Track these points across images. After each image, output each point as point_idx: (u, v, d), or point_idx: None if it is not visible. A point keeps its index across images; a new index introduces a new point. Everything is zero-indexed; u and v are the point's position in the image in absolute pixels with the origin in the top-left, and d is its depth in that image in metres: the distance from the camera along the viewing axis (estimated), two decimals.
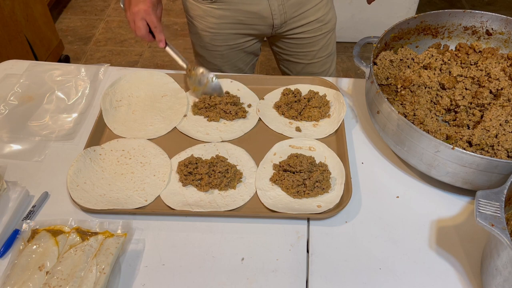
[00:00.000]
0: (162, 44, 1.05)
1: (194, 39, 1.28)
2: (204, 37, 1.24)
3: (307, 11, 1.19)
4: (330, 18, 1.25)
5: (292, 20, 1.19)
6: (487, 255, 0.72)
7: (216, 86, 1.07)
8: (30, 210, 0.85)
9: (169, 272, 0.78)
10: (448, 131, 0.89)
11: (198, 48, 1.30)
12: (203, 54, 1.30)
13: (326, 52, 1.31)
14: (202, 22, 1.20)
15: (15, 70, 1.16)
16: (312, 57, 1.30)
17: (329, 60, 1.34)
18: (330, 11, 1.25)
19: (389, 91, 1.00)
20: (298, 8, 1.17)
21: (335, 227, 0.84)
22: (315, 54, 1.29)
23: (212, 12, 1.16)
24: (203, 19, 1.19)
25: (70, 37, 2.86)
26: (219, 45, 1.25)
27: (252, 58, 1.35)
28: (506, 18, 1.02)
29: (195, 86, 1.08)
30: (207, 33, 1.22)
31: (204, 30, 1.22)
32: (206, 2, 1.15)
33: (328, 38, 1.29)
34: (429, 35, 1.08)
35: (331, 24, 1.27)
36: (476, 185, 0.81)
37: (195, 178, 0.90)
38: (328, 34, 1.28)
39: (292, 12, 1.17)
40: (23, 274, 0.73)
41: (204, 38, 1.24)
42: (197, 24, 1.22)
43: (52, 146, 0.99)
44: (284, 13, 1.16)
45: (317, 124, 1.02)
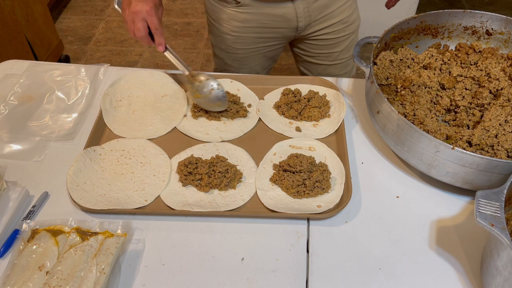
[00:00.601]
0: (161, 48, 0.99)
1: (215, 41, 1.27)
2: (225, 40, 1.23)
3: (331, 12, 1.18)
4: (354, 19, 1.25)
5: (316, 22, 1.19)
6: (487, 255, 0.72)
7: (219, 95, 1.01)
8: (30, 210, 0.85)
9: (169, 272, 0.78)
10: (448, 131, 0.89)
11: (217, 50, 1.29)
12: (222, 56, 1.29)
13: (349, 53, 1.30)
14: (224, 25, 1.20)
15: (15, 70, 1.16)
16: (334, 58, 1.29)
17: (351, 61, 1.33)
18: (355, 12, 1.24)
19: (389, 91, 1.00)
20: (323, 10, 1.17)
21: (335, 227, 0.84)
22: (338, 55, 1.28)
23: (236, 16, 1.16)
24: (227, 22, 1.19)
25: (70, 37, 2.86)
26: (239, 48, 1.24)
27: (270, 63, 1.34)
28: (506, 18, 1.02)
29: (196, 93, 1.02)
30: (229, 36, 1.21)
31: (226, 33, 1.21)
32: (231, 6, 1.14)
33: (352, 39, 1.28)
34: (429, 35, 1.08)
35: (355, 25, 1.26)
36: (476, 185, 0.81)
37: (195, 178, 0.90)
38: (352, 35, 1.27)
39: (317, 14, 1.17)
40: (23, 274, 0.73)
41: (225, 41, 1.23)
42: (220, 27, 1.21)
43: (52, 146, 0.99)
44: (309, 15, 1.16)
45: (317, 124, 1.02)
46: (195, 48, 2.78)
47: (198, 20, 3.01)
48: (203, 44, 2.81)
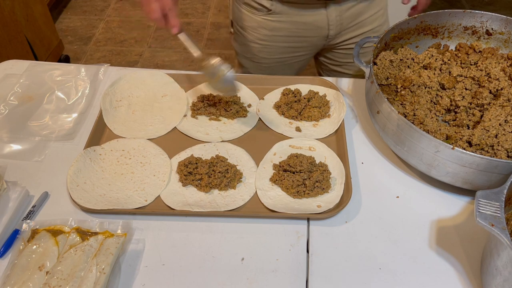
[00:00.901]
0: (175, 30, 0.93)
1: (240, 49, 1.26)
2: (252, 49, 1.22)
3: (363, 20, 1.17)
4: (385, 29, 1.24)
5: (347, 31, 1.18)
6: (487, 255, 0.72)
7: (228, 80, 0.95)
8: (30, 210, 0.85)
9: (169, 272, 0.78)
10: (448, 131, 0.89)
11: (242, 59, 1.28)
12: (247, 65, 1.28)
13: None
14: (252, 34, 1.19)
15: (15, 70, 1.16)
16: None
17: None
18: (386, 22, 1.23)
19: (389, 91, 1.00)
20: (356, 18, 1.16)
21: (335, 227, 0.84)
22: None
23: (265, 24, 1.15)
24: (255, 30, 1.18)
25: (70, 37, 2.87)
26: (266, 57, 1.23)
27: (297, 73, 1.33)
28: (506, 18, 1.02)
29: (208, 78, 0.98)
30: (256, 44, 1.20)
31: (254, 42, 1.20)
32: (261, 14, 1.13)
33: None
34: (429, 35, 1.08)
35: None
36: (476, 185, 0.81)
37: (195, 178, 0.90)
38: None
39: (349, 22, 1.16)
40: (23, 274, 0.73)
41: (251, 49, 1.22)
42: (247, 35, 1.20)
43: (52, 146, 0.99)
44: (341, 23, 1.15)
45: (317, 124, 1.02)
46: None
47: (198, 20, 3.01)
48: (203, 44, 2.80)
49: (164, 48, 2.79)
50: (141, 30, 2.93)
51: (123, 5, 3.14)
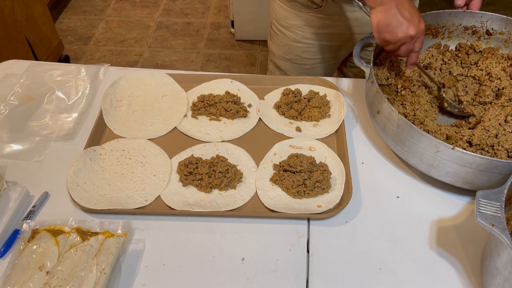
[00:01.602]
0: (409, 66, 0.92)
1: (280, 51, 1.24)
2: (294, 49, 1.20)
3: None
4: None
5: None
6: (487, 255, 0.72)
7: None
8: (30, 210, 0.85)
9: (169, 272, 0.78)
10: (448, 131, 0.89)
11: (280, 60, 1.25)
12: (286, 68, 1.25)
13: None
14: (297, 32, 1.17)
15: (15, 70, 1.16)
16: None
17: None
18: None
19: (389, 91, 1.00)
20: None
21: (335, 227, 0.84)
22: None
23: (312, 21, 1.13)
24: (300, 29, 1.16)
25: (70, 37, 2.87)
26: (309, 58, 1.21)
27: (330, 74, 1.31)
28: (506, 18, 1.02)
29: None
30: (300, 44, 1.18)
31: (298, 41, 1.18)
32: (309, 11, 1.11)
33: None
34: (429, 35, 1.08)
35: None
36: (476, 185, 0.81)
37: (195, 178, 0.90)
38: None
39: None
40: (23, 274, 0.73)
41: (294, 50, 1.20)
42: (290, 34, 1.18)
43: (52, 146, 0.99)
44: None
45: (317, 124, 1.02)
46: (195, 48, 2.78)
47: (198, 20, 3.01)
48: (203, 44, 2.80)
49: (164, 48, 2.79)
50: (141, 30, 2.93)
51: (123, 5, 3.14)
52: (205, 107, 1.05)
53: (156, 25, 2.97)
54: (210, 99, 1.05)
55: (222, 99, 1.04)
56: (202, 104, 1.05)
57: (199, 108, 1.05)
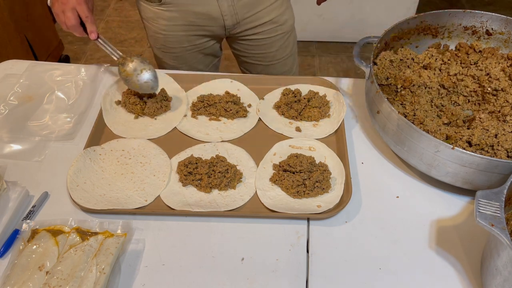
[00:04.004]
0: (94, 36, 1.01)
1: (150, 41, 1.27)
2: (157, 39, 1.23)
3: (259, 11, 1.17)
4: (286, 19, 1.24)
5: (245, 21, 1.18)
6: (487, 255, 0.72)
7: (143, 81, 1.01)
8: (30, 210, 0.85)
9: (169, 272, 0.78)
10: (448, 131, 0.89)
11: (155, 50, 1.29)
12: (160, 55, 1.29)
13: (284, 53, 1.30)
14: (154, 24, 1.20)
15: (15, 70, 1.16)
16: (271, 58, 1.29)
17: (289, 61, 1.33)
18: (286, 11, 1.23)
19: (389, 91, 1.00)
20: (250, 9, 1.16)
21: (335, 227, 0.84)
22: (274, 55, 1.28)
23: (162, 14, 1.16)
24: (155, 21, 1.19)
25: (70, 37, 2.86)
26: (173, 47, 1.24)
27: (212, 60, 1.33)
28: (506, 18, 1.02)
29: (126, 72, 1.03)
30: (160, 35, 1.21)
31: (157, 33, 1.21)
32: (155, 4, 1.14)
33: (286, 39, 1.27)
34: (429, 35, 1.08)
35: (288, 25, 1.25)
36: (476, 185, 0.81)
37: (195, 178, 0.90)
38: (286, 35, 1.26)
39: (244, 13, 1.16)
40: (23, 274, 0.73)
41: (157, 40, 1.23)
42: (150, 26, 1.21)
43: (52, 146, 0.99)
44: (235, 14, 1.15)
45: (317, 124, 1.02)
46: None
47: None
48: None
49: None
50: (141, 30, 2.93)
51: (123, 5, 3.14)
52: (205, 107, 1.04)
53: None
54: (210, 99, 1.05)
55: (222, 99, 1.04)
56: (202, 104, 1.05)
57: (199, 108, 1.05)
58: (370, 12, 2.56)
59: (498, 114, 0.91)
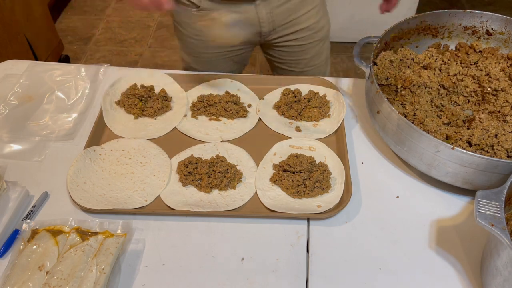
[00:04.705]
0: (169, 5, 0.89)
1: (180, 44, 1.27)
2: (189, 44, 1.22)
3: (297, 18, 1.17)
4: (323, 25, 1.23)
5: (281, 28, 1.17)
6: (487, 255, 0.72)
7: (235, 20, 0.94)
8: (30, 210, 0.85)
9: (169, 272, 0.78)
10: (448, 131, 0.89)
11: (183, 53, 1.29)
12: (188, 60, 1.28)
13: (318, 60, 1.29)
14: (187, 29, 1.19)
15: (15, 70, 1.16)
16: (304, 65, 1.28)
17: (322, 68, 1.32)
18: (322, 18, 1.23)
19: (389, 91, 1.00)
20: (287, 15, 1.15)
21: (335, 227, 0.84)
22: (307, 62, 1.27)
23: (196, 19, 1.14)
24: (189, 26, 1.18)
25: (70, 37, 2.86)
26: (204, 52, 1.23)
27: (239, 67, 1.33)
28: (506, 18, 1.02)
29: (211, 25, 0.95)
30: (192, 40, 1.21)
31: (190, 37, 1.20)
32: (192, 9, 1.13)
33: (321, 46, 1.26)
34: (429, 35, 1.08)
35: (324, 32, 1.24)
36: (476, 185, 0.81)
37: (195, 178, 0.90)
38: (320, 42, 1.25)
39: (281, 19, 1.15)
40: (23, 274, 0.73)
41: (189, 44, 1.23)
42: (183, 30, 1.21)
43: (52, 146, 0.99)
44: (272, 21, 1.14)
45: (317, 124, 1.02)
46: None
47: None
48: None
49: (164, 48, 2.79)
50: (141, 30, 2.93)
51: (123, 5, 3.14)
52: (205, 107, 1.05)
53: (156, 25, 2.97)
54: (210, 99, 1.05)
55: (222, 99, 1.04)
56: (202, 104, 1.05)
57: (199, 108, 1.05)
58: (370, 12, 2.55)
59: (498, 114, 0.91)
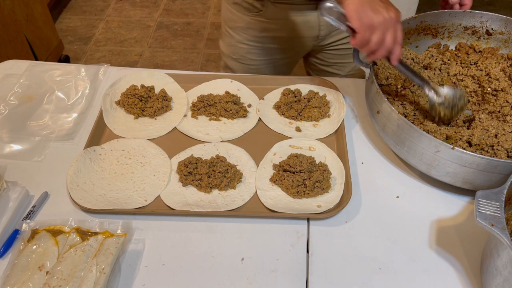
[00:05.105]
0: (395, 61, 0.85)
1: (227, 50, 1.25)
2: (240, 50, 1.21)
3: None
4: None
5: (337, 31, 1.17)
6: (487, 255, 0.72)
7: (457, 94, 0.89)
8: (30, 210, 0.85)
9: (169, 272, 0.78)
10: (448, 131, 0.88)
11: (229, 60, 1.26)
12: (233, 67, 1.27)
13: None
14: (242, 34, 1.18)
15: (15, 70, 1.16)
16: (351, 68, 1.27)
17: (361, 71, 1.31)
18: None
19: (389, 91, 1.00)
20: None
21: (335, 227, 0.84)
22: (355, 65, 1.27)
23: (255, 25, 1.14)
24: (244, 31, 1.17)
25: (70, 37, 2.87)
26: (254, 59, 1.22)
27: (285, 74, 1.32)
28: (506, 18, 1.02)
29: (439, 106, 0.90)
30: (244, 45, 1.19)
31: (242, 43, 1.19)
32: (251, 14, 1.12)
33: None
34: (429, 35, 1.08)
35: None
36: (476, 185, 0.81)
37: (195, 178, 0.90)
38: None
39: None
40: (23, 274, 0.73)
41: (240, 50, 1.21)
42: (236, 35, 1.19)
43: (52, 146, 0.99)
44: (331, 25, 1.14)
45: (317, 124, 1.02)
46: (195, 48, 2.78)
47: (198, 20, 3.01)
48: (203, 44, 2.81)
49: (164, 48, 2.79)
50: (141, 30, 2.93)
51: (123, 5, 3.14)
52: (205, 107, 1.04)
53: (156, 25, 2.97)
54: (210, 99, 1.05)
55: (222, 99, 1.04)
56: (202, 104, 1.05)
57: (199, 108, 1.05)
58: None
59: (498, 114, 0.91)
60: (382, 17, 0.78)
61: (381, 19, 0.78)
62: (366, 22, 0.78)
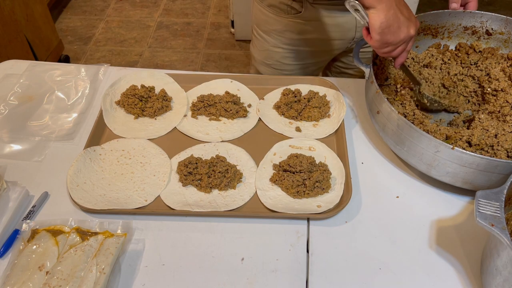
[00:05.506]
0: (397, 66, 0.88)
1: (260, 56, 1.23)
2: (274, 54, 1.19)
3: None
4: None
5: None
6: (487, 255, 0.72)
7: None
8: (30, 210, 0.85)
9: (169, 272, 0.78)
10: (447, 131, 0.89)
11: (260, 65, 1.25)
12: (266, 73, 1.25)
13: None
14: (277, 38, 1.16)
15: (15, 70, 1.16)
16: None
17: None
18: None
19: (389, 91, 1.00)
20: None
21: (335, 227, 0.84)
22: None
23: (292, 27, 1.12)
24: (280, 34, 1.15)
25: (70, 37, 2.87)
26: (288, 63, 1.20)
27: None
28: (506, 18, 1.02)
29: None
30: (279, 49, 1.18)
31: (277, 46, 1.17)
32: (289, 16, 1.10)
33: None
34: (429, 35, 1.08)
35: None
36: (476, 185, 0.81)
37: (195, 178, 0.90)
38: None
39: None
40: (23, 274, 0.73)
41: (274, 55, 1.19)
42: (270, 39, 1.17)
43: (52, 146, 0.99)
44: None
45: (317, 124, 1.02)
46: (195, 48, 2.78)
47: (198, 20, 3.01)
48: (203, 44, 2.81)
49: (164, 48, 2.79)
50: (141, 30, 2.93)
51: (123, 5, 3.14)
52: (205, 107, 1.05)
53: (156, 25, 2.97)
54: (210, 99, 1.05)
55: (222, 99, 1.04)
56: (202, 104, 1.05)
57: (199, 108, 1.05)
58: None
59: (498, 114, 0.91)
60: (403, 36, 0.79)
61: (402, 38, 0.79)
62: (385, 40, 0.79)
